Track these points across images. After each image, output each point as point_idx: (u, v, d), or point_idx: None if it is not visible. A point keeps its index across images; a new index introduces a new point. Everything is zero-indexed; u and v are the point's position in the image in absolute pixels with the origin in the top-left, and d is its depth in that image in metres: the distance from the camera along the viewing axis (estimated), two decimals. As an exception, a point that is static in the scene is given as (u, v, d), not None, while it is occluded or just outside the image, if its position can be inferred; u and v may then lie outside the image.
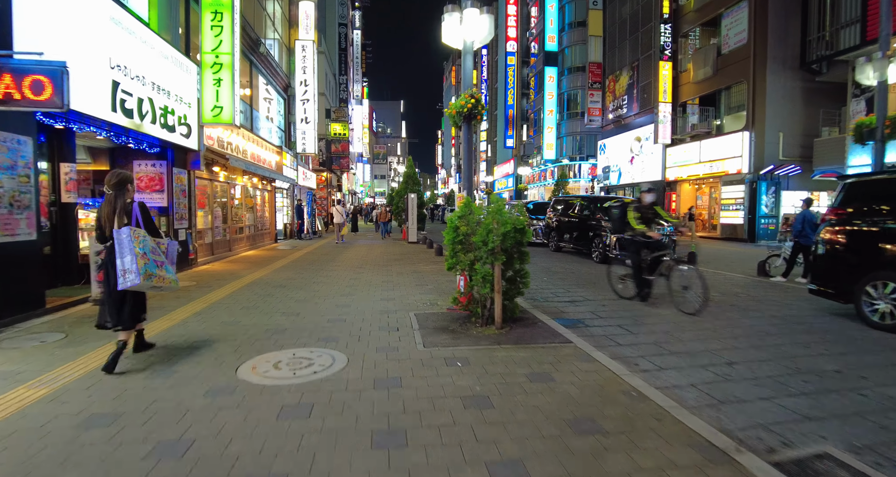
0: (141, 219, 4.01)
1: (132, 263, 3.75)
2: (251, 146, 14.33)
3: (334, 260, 12.16)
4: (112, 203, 3.93)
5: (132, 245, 3.76)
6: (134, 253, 3.76)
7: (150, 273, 3.85)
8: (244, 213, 14.13)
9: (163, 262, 4.07)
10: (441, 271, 9.89)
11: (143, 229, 3.97)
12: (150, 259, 3.90)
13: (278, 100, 19.31)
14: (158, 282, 3.93)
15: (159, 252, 4.08)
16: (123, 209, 3.93)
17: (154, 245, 4.03)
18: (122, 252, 3.76)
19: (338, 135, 34.80)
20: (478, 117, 6.21)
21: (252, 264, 11.08)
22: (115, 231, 3.81)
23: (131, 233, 3.80)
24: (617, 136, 28.80)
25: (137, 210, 4.00)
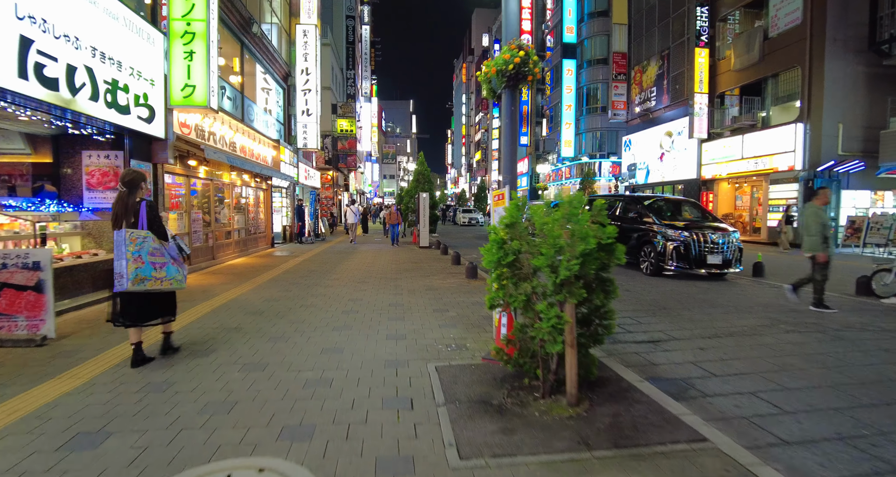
0: (146, 218, 3.96)
1: (123, 267, 3.77)
2: (241, 138, 12.54)
3: (334, 270, 10.31)
4: (124, 201, 3.94)
5: (126, 248, 3.78)
6: (126, 257, 3.77)
7: (143, 277, 3.83)
8: (232, 214, 12.34)
9: (164, 263, 4.00)
10: (463, 288, 7.99)
11: (144, 230, 3.92)
12: (146, 262, 3.87)
13: (277, 90, 17.53)
14: (154, 285, 3.91)
15: (162, 253, 4.01)
16: (132, 208, 3.93)
17: (157, 246, 3.97)
18: (117, 255, 3.80)
19: (345, 131, 33.07)
20: (529, 79, 4.29)
21: (235, 277, 9.26)
22: (116, 232, 3.84)
23: (127, 236, 3.81)
24: (644, 132, 26.71)
25: (144, 209, 3.96)
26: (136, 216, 3.94)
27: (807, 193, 16.40)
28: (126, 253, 3.78)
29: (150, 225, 3.97)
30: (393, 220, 17.14)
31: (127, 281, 3.77)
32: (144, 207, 3.97)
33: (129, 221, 3.92)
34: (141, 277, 3.82)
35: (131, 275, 3.77)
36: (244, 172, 12.95)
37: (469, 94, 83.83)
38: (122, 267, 3.78)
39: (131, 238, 3.82)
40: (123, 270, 3.78)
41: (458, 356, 4.36)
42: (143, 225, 3.94)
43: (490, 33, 66.44)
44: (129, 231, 3.84)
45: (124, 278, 3.78)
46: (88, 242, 7.51)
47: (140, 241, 3.86)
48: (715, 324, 5.81)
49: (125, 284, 3.78)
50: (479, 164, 73.14)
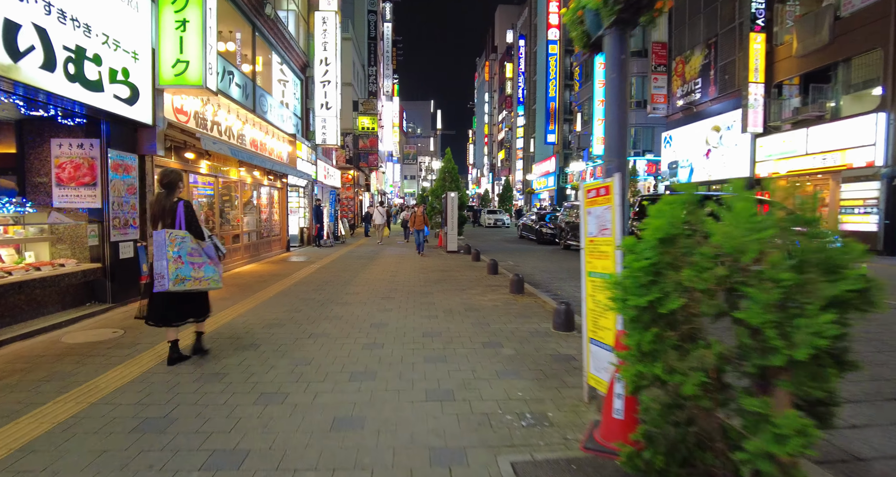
0: (184, 219, 3.93)
1: (164, 268, 3.75)
2: (252, 131, 11.22)
3: (353, 281, 8.88)
4: (161, 202, 3.95)
5: (167, 249, 3.76)
6: (167, 258, 3.75)
7: (183, 277, 3.82)
8: (241, 215, 11.02)
9: (203, 263, 3.99)
10: (511, 308, 6.45)
11: (182, 231, 3.90)
12: (186, 262, 3.86)
13: (294, 82, 16.25)
14: (194, 285, 3.89)
15: (200, 253, 4.00)
16: (169, 209, 3.92)
17: (195, 246, 3.97)
18: (157, 255, 3.78)
19: (366, 129, 31.83)
20: (657, 5, 2.74)
21: (237, 289, 7.90)
22: (155, 233, 3.85)
23: (167, 236, 3.80)
24: (687, 127, 24.72)
25: (182, 209, 3.94)
26: (174, 217, 3.92)
27: (890, 192, 14.37)
28: (167, 253, 3.76)
29: (187, 225, 3.96)
30: (418, 225, 14.19)
31: (168, 281, 3.75)
32: (182, 208, 3.94)
33: (165, 222, 3.92)
34: (181, 277, 3.82)
35: (172, 275, 3.75)
36: (255, 169, 11.64)
37: (492, 92, 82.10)
38: (163, 267, 3.75)
39: (171, 238, 3.80)
40: (164, 271, 3.75)
41: (541, 438, 2.82)
42: (180, 225, 3.92)
43: (514, 29, 64.64)
44: (169, 231, 3.83)
45: (165, 279, 3.75)
46: (62, 249, 6.20)
47: (179, 241, 3.85)
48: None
49: (166, 284, 3.75)
50: (502, 163, 71.39)
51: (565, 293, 8.27)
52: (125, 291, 6.51)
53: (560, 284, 9.32)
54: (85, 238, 6.13)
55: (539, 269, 11.52)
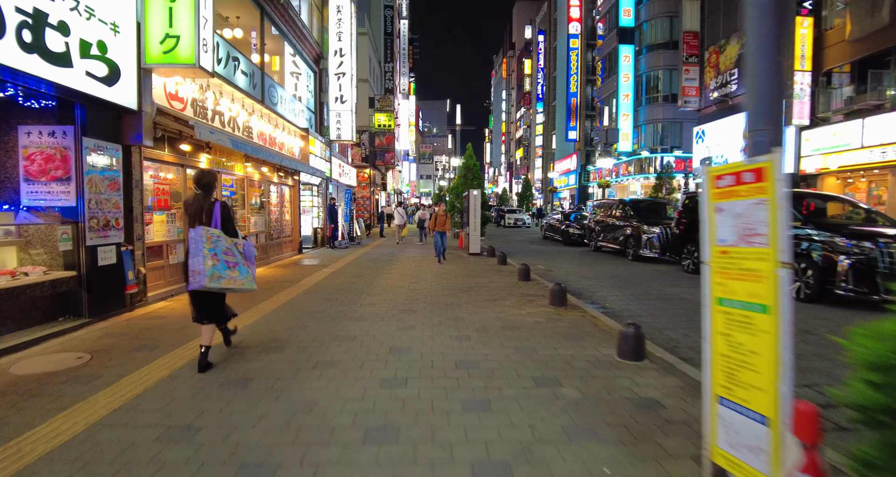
0: (220, 218, 3.94)
1: (201, 264, 3.70)
2: (260, 123, 10.32)
3: (369, 288, 7.89)
4: (200, 203, 3.96)
5: (202, 246, 3.72)
6: (203, 254, 3.71)
7: (219, 275, 3.76)
8: (247, 215, 10.11)
9: (236, 263, 3.94)
10: (557, 326, 5.37)
11: (218, 229, 3.88)
12: (221, 260, 3.81)
13: (308, 74, 15.37)
14: (228, 284, 3.83)
15: (234, 253, 3.96)
16: (207, 209, 3.92)
17: (230, 245, 3.93)
18: (193, 252, 3.74)
19: (382, 126, 30.93)
20: None
21: (239, 299, 6.95)
22: (191, 230, 3.80)
23: (203, 233, 3.75)
24: (721, 121, 23.25)
25: (218, 209, 3.94)
26: (210, 216, 3.92)
27: (965, 189, 12.89)
28: (203, 250, 3.71)
29: (223, 225, 3.96)
30: (440, 226, 12.05)
31: (204, 277, 3.69)
32: (218, 207, 3.96)
33: (202, 222, 3.91)
34: (217, 274, 3.76)
35: (208, 272, 3.70)
36: (264, 165, 10.73)
37: (509, 89, 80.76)
38: (200, 264, 3.71)
39: (207, 235, 3.77)
40: (200, 267, 3.71)
41: None
42: (216, 224, 3.91)
43: (533, 25, 63.28)
44: (206, 228, 3.80)
45: (201, 275, 3.70)
46: (37, 254, 5.31)
47: (215, 239, 3.82)
48: None
49: (202, 280, 3.70)
50: (521, 161, 70.04)
51: (616, 306, 7.15)
52: (105, 304, 5.60)
53: (605, 293, 8.20)
54: (55, 241, 5.22)
55: (575, 274, 10.40)
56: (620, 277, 10.01)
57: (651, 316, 6.42)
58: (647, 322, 6.00)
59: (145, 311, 6.15)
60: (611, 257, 13.76)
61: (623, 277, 10.01)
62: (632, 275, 10.29)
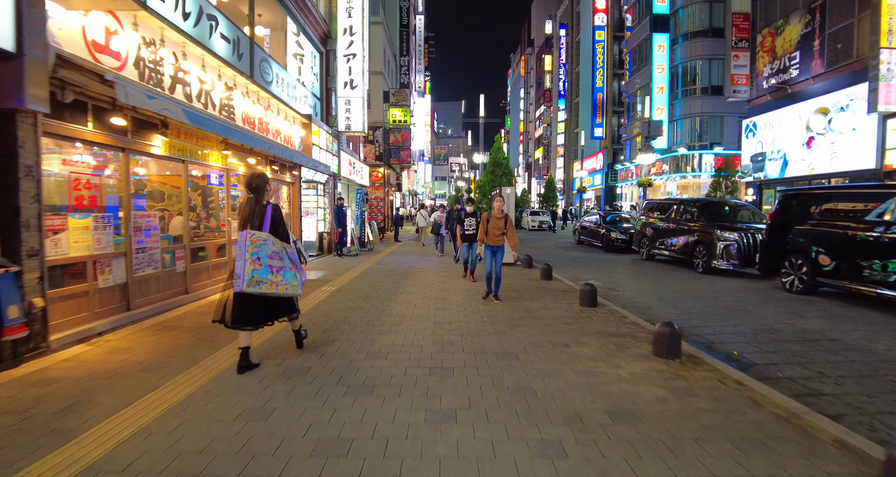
0: (270, 222, 3.90)
1: (241, 268, 3.69)
2: (245, 102, 8.21)
3: (378, 323, 5.67)
4: (252, 206, 3.93)
5: (246, 250, 3.72)
6: (245, 258, 3.70)
7: (259, 279, 3.72)
8: (227, 219, 7.97)
9: (282, 267, 3.87)
10: (699, 412, 3.01)
11: (265, 233, 3.85)
12: (264, 265, 3.77)
13: (313, 54, 13.28)
14: (269, 288, 3.79)
15: (283, 257, 3.90)
16: (259, 212, 3.90)
17: (277, 249, 3.87)
18: (237, 255, 3.79)
19: (398, 122, 28.81)
20: None
21: (191, 341, 4.81)
22: (239, 234, 3.84)
23: (248, 237, 3.77)
24: (778, 112, 20.65)
25: (269, 213, 3.91)
26: (262, 219, 3.88)
27: None
28: (245, 254, 3.71)
29: (272, 228, 3.92)
30: (494, 237, 6.93)
31: (243, 281, 3.68)
32: (270, 211, 3.93)
33: (254, 225, 3.89)
34: (257, 278, 3.73)
35: (247, 276, 3.68)
36: (251, 154, 8.59)
37: (528, 87, 78.26)
38: (241, 268, 3.70)
39: (252, 240, 3.77)
40: (241, 271, 3.69)
41: None
42: (266, 228, 3.88)
43: (554, 20, 60.81)
44: (251, 232, 3.80)
45: (241, 279, 3.69)
46: None
47: (260, 243, 3.80)
48: None
49: (241, 284, 3.69)
50: (541, 161, 67.49)
51: (752, 355, 4.83)
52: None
53: (711, 327, 5.87)
54: None
55: (647, 295, 8.06)
56: (708, 298, 7.65)
57: (832, 381, 4.08)
58: (834, 395, 3.69)
59: (40, 365, 4.00)
60: (672, 269, 11.37)
61: (712, 298, 7.65)
62: (721, 295, 7.92)
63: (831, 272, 7.40)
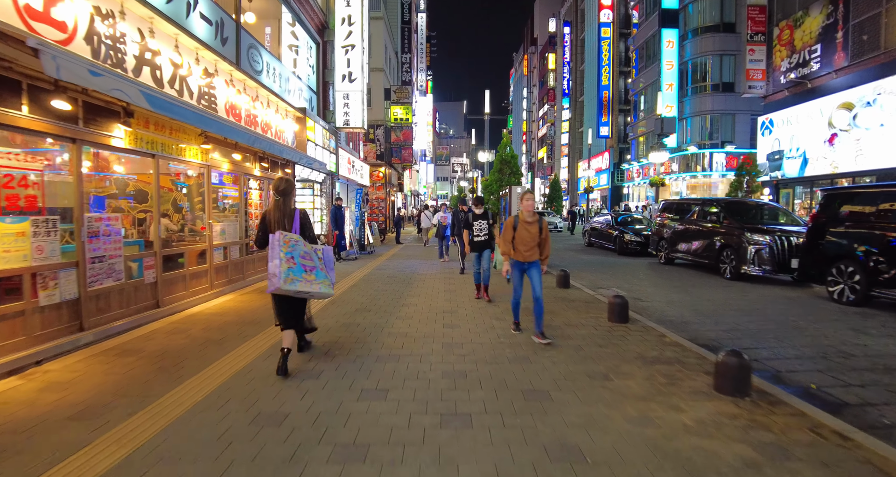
0: (299, 224, 4.05)
1: (277, 267, 3.73)
2: (229, 91, 7.37)
3: (377, 345, 4.82)
4: (281, 209, 4.03)
5: (280, 250, 3.76)
6: (279, 257, 3.74)
7: (294, 277, 3.78)
8: (209, 221, 7.11)
9: (314, 267, 3.95)
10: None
11: (296, 234, 3.97)
12: (298, 264, 3.84)
13: (309, 44, 12.45)
14: (304, 287, 3.83)
15: (313, 257, 4.00)
16: (288, 215, 4.02)
17: (308, 250, 3.98)
18: (271, 255, 3.81)
19: (399, 120, 27.99)
20: None
21: (149, 370, 3.97)
22: (270, 235, 3.89)
23: (280, 237, 3.82)
24: (797, 108, 19.74)
25: (298, 217, 4.07)
26: (291, 222, 4.02)
27: None
28: (280, 253, 3.76)
29: (301, 230, 4.07)
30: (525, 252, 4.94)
31: (280, 280, 3.71)
32: (298, 215, 4.08)
33: (284, 227, 3.98)
34: (293, 277, 3.77)
35: (283, 274, 3.72)
36: (237, 150, 7.74)
37: (531, 86, 77.37)
38: (276, 266, 3.74)
39: (284, 240, 3.82)
40: (277, 270, 3.73)
41: None
42: (295, 231, 4.01)
43: (558, 17, 59.90)
44: (283, 233, 3.86)
45: (277, 278, 3.72)
46: None
47: (293, 243, 3.87)
48: None
49: (278, 283, 3.72)
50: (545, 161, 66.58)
51: (837, 391, 3.95)
52: None
53: (768, 349, 5.00)
54: None
55: (677, 305, 7.18)
56: (749, 311, 6.77)
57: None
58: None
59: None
60: (696, 274, 10.49)
61: (754, 311, 6.77)
62: (762, 307, 7.03)
63: (891, 281, 6.51)
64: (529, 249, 4.91)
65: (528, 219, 4.92)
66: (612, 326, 5.52)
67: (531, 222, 4.92)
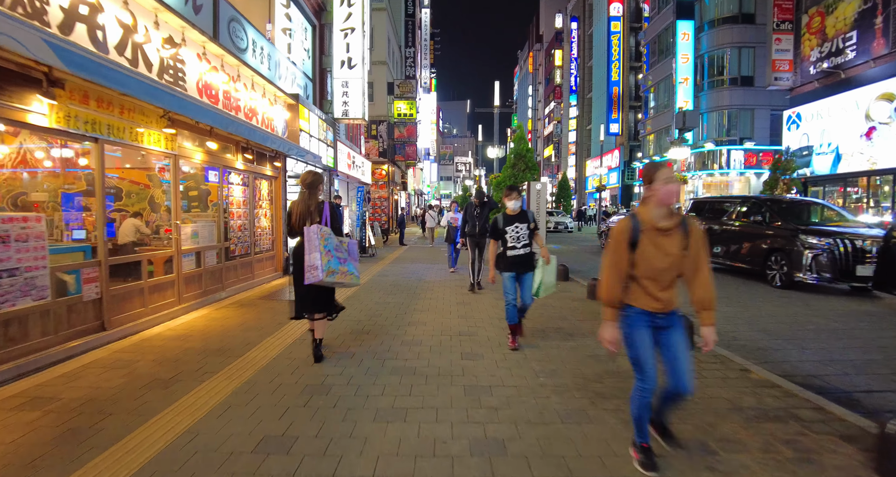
0: (329, 217, 4.07)
1: (318, 259, 3.81)
2: (200, 67, 6.20)
3: (377, 380, 3.64)
4: (306, 202, 4.07)
5: (319, 242, 3.84)
6: (320, 251, 3.82)
7: (333, 269, 3.88)
8: (178, 222, 5.92)
9: (345, 258, 4.05)
10: None
11: (329, 228, 4.00)
12: (334, 256, 3.92)
13: (304, 26, 11.28)
14: (340, 278, 3.94)
15: (343, 250, 4.06)
16: (317, 208, 4.05)
17: (338, 243, 4.03)
18: (309, 248, 3.86)
19: (403, 115, 26.79)
20: None
21: (66, 435, 2.76)
22: (306, 228, 3.92)
23: (318, 231, 3.87)
24: (829, 100, 18.45)
25: (327, 209, 4.09)
26: (320, 215, 4.03)
27: None
28: (319, 246, 3.82)
29: (331, 224, 4.06)
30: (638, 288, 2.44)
31: (321, 272, 3.80)
32: (327, 207, 4.09)
33: (313, 220, 4.00)
34: (332, 269, 3.86)
35: (325, 267, 3.81)
36: (212, 138, 6.55)
37: (536, 84, 76.09)
38: (317, 259, 3.82)
39: (321, 233, 3.88)
40: (318, 262, 3.81)
41: None
42: (326, 223, 4.03)
43: (564, 13, 58.61)
44: (320, 226, 3.91)
45: (318, 270, 3.80)
46: None
47: (328, 236, 3.93)
48: None
49: (320, 275, 3.80)
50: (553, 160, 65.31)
51: None
52: None
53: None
54: None
55: (745, 324, 5.96)
56: (833, 331, 5.54)
57: None
58: None
59: None
60: (736, 281, 9.27)
61: (839, 331, 5.54)
62: (845, 325, 5.80)
63: None
64: (668, 289, 2.41)
65: (661, 223, 2.37)
66: (677, 357, 4.31)
67: (668, 231, 2.36)
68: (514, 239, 4.46)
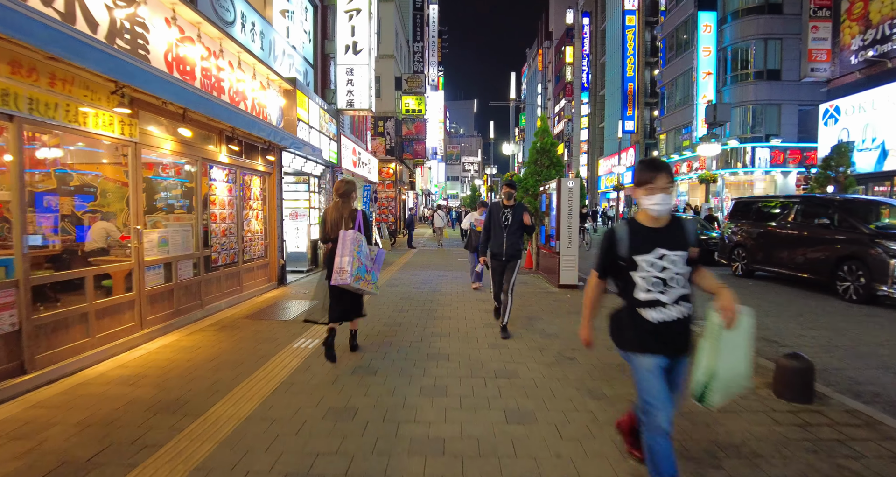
0: (362, 225, 4.14)
1: (350, 264, 3.91)
2: (170, 33, 5.03)
3: (391, 464, 2.42)
4: (339, 210, 4.21)
5: (353, 248, 3.95)
6: (353, 255, 3.93)
7: (360, 276, 3.97)
8: (132, 229, 4.76)
9: (371, 268, 4.14)
10: None
11: (363, 235, 4.11)
12: (363, 263, 4.02)
13: (306, 7, 10.11)
14: (363, 286, 4.05)
15: (371, 258, 4.16)
16: (350, 216, 4.19)
17: (367, 251, 4.13)
18: (342, 251, 3.96)
19: (411, 112, 25.59)
20: None
21: None
22: (342, 232, 4.05)
23: (353, 236, 4.00)
24: (872, 91, 17.05)
25: (360, 217, 4.17)
26: (354, 222, 4.12)
27: None
28: (352, 251, 3.93)
29: (364, 231, 4.15)
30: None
31: (350, 276, 3.90)
32: (360, 215, 4.18)
33: (347, 226, 4.12)
34: (360, 275, 3.96)
35: (354, 271, 3.91)
36: (186, 124, 5.36)
37: (546, 82, 74.66)
38: (347, 263, 3.90)
39: (356, 238, 4.00)
40: (348, 266, 3.89)
41: None
42: (359, 230, 4.10)
43: (576, 8, 57.18)
44: (356, 233, 4.04)
45: (347, 274, 3.89)
46: None
47: (361, 243, 4.03)
48: None
49: (348, 279, 3.90)
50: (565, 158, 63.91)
51: None
52: None
53: None
54: None
55: (851, 355, 4.71)
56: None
57: None
58: None
59: None
60: (797, 292, 7.99)
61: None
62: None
63: None
64: None
65: None
66: (791, 411, 3.09)
67: None
68: (654, 279, 2.13)
